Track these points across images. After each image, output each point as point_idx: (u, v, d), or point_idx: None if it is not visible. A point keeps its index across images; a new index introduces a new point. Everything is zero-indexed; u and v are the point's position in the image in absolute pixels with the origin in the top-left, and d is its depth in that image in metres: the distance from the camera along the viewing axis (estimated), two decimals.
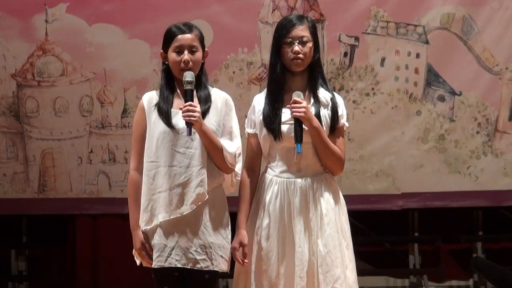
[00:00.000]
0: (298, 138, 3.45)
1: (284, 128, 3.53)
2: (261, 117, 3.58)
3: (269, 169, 3.62)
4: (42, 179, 6.05)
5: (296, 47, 3.52)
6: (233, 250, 3.54)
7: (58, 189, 6.04)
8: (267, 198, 3.57)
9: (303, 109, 3.45)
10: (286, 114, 3.54)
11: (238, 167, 3.56)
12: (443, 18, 5.99)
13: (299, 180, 3.54)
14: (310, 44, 3.55)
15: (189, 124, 3.40)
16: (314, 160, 3.56)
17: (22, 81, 6.05)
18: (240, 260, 3.53)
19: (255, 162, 3.64)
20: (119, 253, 5.48)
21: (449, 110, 6.02)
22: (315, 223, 3.51)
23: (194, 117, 3.39)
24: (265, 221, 3.55)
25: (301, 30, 3.55)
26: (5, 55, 6.04)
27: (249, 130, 3.65)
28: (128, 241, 3.70)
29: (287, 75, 3.56)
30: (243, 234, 3.55)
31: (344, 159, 3.59)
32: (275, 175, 3.58)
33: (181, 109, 3.41)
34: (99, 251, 6.17)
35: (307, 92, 3.58)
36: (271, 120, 3.54)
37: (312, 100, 3.56)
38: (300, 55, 3.53)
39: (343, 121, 3.61)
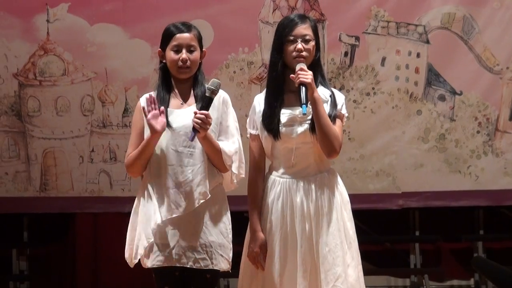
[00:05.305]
0: (304, 99, 3.43)
1: (283, 129, 3.53)
2: (261, 118, 3.58)
3: (272, 170, 3.63)
4: (44, 178, 6.06)
5: (299, 45, 3.52)
6: (255, 254, 3.53)
7: (59, 187, 6.06)
8: (270, 199, 3.57)
9: (310, 76, 3.45)
10: (285, 115, 3.54)
11: (235, 166, 3.54)
12: (444, 18, 5.99)
13: (300, 180, 3.54)
14: (312, 43, 3.56)
15: (195, 131, 3.39)
16: (316, 160, 3.57)
17: (24, 80, 6.06)
18: (262, 264, 3.53)
19: (260, 162, 3.64)
20: (119, 252, 5.48)
21: (450, 110, 6.02)
22: (317, 222, 3.51)
23: (206, 129, 3.39)
24: (268, 221, 3.56)
25: (304, 29, 3.55)
26: (6, 55, 6.05)
27: (251, 131, 3.65)
28: None
29: (287, 73, 3.54)
30: (261, 237, 3.54)
31: (340, 141, 3.52)
32: (278, 175, 3.59)
33: (194, 113, 3.38)
34: (100, 249, 6.17)
35: None
36: (270, 121, 3.54)
37: None
38: (303, 53, 3.52)
39: (342, 111, 3.59)
